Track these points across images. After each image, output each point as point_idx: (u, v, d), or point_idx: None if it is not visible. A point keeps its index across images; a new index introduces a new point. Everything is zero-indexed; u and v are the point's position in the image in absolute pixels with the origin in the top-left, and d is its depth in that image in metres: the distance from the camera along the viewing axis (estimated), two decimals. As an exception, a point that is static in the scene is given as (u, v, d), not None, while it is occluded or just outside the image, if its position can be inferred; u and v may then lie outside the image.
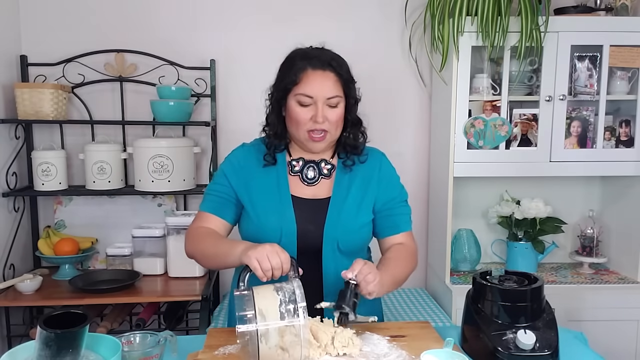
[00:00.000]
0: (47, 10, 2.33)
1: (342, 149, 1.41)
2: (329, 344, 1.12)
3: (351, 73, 1.36)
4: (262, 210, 1.35)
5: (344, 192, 1.38)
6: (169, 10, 2.38)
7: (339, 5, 2.44)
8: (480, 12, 2.07)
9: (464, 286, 2.21)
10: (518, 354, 1.13)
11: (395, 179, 1.45)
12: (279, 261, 1.12)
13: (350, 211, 1.36)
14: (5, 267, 2.14)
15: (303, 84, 1.30)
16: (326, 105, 1.30)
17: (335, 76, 1.31)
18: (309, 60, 1.31)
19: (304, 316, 1.03)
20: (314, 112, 1.29)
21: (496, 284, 1.23)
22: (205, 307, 2.05)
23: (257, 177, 1.39)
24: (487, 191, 2.51)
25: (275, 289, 1.07)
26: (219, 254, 1.27)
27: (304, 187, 1.39)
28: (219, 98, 2.41)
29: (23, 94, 2.14)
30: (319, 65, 1.31)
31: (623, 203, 2.41)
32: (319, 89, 1.29)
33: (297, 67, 1.31)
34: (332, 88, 1.30)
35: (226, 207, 1.39)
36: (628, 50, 2.18)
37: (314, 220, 1.35)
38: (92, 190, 2.24)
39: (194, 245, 1.35)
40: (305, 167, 1.40)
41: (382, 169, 1.43)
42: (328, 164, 1.41)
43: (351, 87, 1.35)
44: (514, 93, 2.22)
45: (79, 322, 0.94)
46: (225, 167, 1.43)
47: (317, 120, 1.29)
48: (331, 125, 1.32)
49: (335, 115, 1.32)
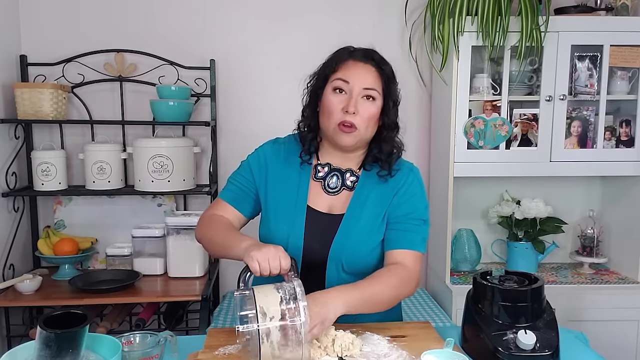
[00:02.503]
0: (47, 10, 2.33)
1: (372, 159, 1.35)
2: (329, 346, 1.12)
3: (394, 75, 1.32)
4: (274, 216, 1.34)
5: (358, 211, 1.32)
6: (169, 10, 2.37)
7: (339, 5, 2.43)
8: (481, 12, 2.07)
9: (464, 286, 2.21)
10: (518, 354, 1.13)
11: (417, 195, 1.35)
12: (278, 265, 1.11)
13: (360, 233, 1.31)
14: (5, 267, 2.14)
15: (342, 70, 1.28)
16: (362, 97, 1.27)
17: (377, 70, 1.28)
18: (351, 53, 1.30)
19: (305, 313, 1.02)
20: (347, 102, 1.25)
21: (496, 284, 1.23)
22: (205, 307, 2.04)
23: (278, 178, 1.37)
24: (487, 191, 2.51)
25: (276, 288, 1.06)
26: (225, 245, 1.25)
27: (322, 196, 1.35)
28: (219, 98, 2.41)
29: (23, 93, 2.14)
30: (360, 57, 1.29)
31: (623, 203, 2.40)
32: (357, 76, 1.26)
33: (339, 57, 1.30)
34: (371, 80, 1.27)
35: (244, 199, 1.38)
36: (628, 50, 2.18)
37: (321, 238, 1.32)
38: (92, 190, 2.23)
39: (205, 231, 1.34)
40: (329, 174, 1.37)
41: (406, 183, 1.35)
42: (353, 175, 1.36)
43: (392, 87, 1.31)
44: (514, 93, 2.22)
45: (79, 322, 0.94)
46: (252, 159, 1.41)
47: (349, 109, 1.24)
48: (362, 121, 1.26)
49: (369, 110, 1.27)
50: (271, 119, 2.43)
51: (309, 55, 2.43)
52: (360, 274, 1.28)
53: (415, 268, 1.30)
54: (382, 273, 1.27)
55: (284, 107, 2.46)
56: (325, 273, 1.32)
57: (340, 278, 1.31)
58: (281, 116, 2.45)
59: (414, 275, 1.30)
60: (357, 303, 1.16)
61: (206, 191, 2.21)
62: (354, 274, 1.31)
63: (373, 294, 1.20)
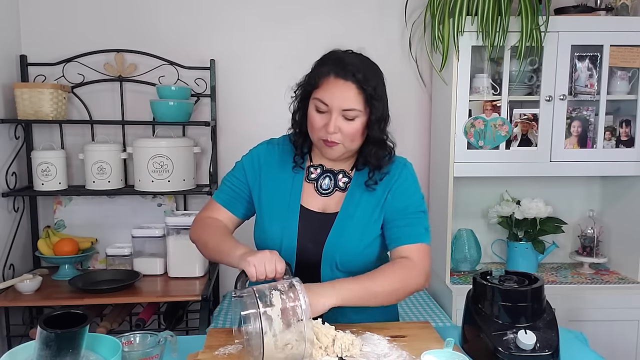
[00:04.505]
0: (47, 10, 2.33)
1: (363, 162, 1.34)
2: (329, 346, 1.12)
3: (380, 89, 1.27)
4: (268, 217, 1.35)
5: (352, 209, 1.32)
6: (169, 10, 2.38)
7: (339, 5, 2.43)
8: (481, 12, 2.07)
9: (464, 286, 2.21)
10: (518, 354, 1.13)
11: (411, 188, 1.36)
12: (274, 269, 1.13)
13: (354, 232, 1.31)
14: (5, 267, 2.14)
15: (322, 90, 1.25)
16: (341, 116, 1.24)
17: (357, 89, 1.23)
18: (335, 67, 1.24)
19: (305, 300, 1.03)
20: (327, 120, 1.24)
21: (496, 284, 1.23)
22: (205, 307, 2.04)
23: (272, 179, 1.37)
24: (487, 191, 2.51)
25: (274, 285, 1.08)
26: (220, 250, 1.26)
27: (315, 197, 1.36)
28: (219, 98, 2.41)
29: (23, 93, 2.14)
30: (342, 74, 1.23)
31: (623, 203, 2.40)
32: (336, 98, 1.23)
33: (322, 71, 1.26)
34: (351, 100, 1.23)
35: (238, 201, 1.39)
36: (628, 50, 2.18)
37: (315, 237, 1.32)
38: (92, 190, 2.23)
39: (199, 233, 1.35)
40: (322, 175, 1.37)
41: (400, 178, 1.35)
42: (346, 176, 1.36)
43: (375, 104, 1.25)
44: (514, 93, 2.22)
45: (79, 322, 0.94)
46: (246, 161, 1.41)
47: (329, 130, 1.23)
48: (344, 138, 1.25)
49: (351, 128, 1.25)
50: (271, 119, 2.41)
51: (309, 55, 2.44)
52: (355, 273, 1.27)
53: (422, 260, 1.28)
54: (384, 267, 1.27)
55: (283, 107, 2.45)
56: (319, 273, 1.32)
57: (335, 277, 1.30)
58: (281, 116, 2.47)
59: (421, 267, 1.27)
60: (353, 295, 1.16)
61: (206, 191, 2.21)
62: (349, 272, 1.30)
63: (371, 287, 1.19)
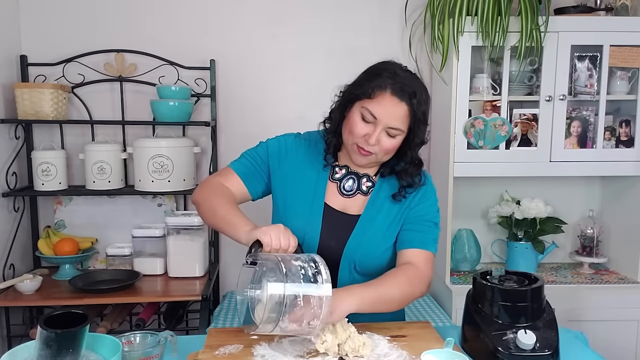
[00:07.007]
0: (47, 10, 2.33)
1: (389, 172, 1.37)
2: (342, 342, 1.12)
3: (427, 114, 1.29)
4: (292, 211, 1.34)
5: (374, 214, 1.34)
6: (169, 10, 2.37)
7: (339, 5, 2.43)
8: (480, 12, 2.07)
9: (464, 286, 2.21)
10: (518, 354, 1.13)
11: (431, 199, 1.39)
12: (287, 242, 1.13)
13: (375, 235, 1.33)
14: (5, 267, 2.14)
15: (375, 102, 1.23)
16: (385, 131, 1.25)
17: (409, 111, 1.24)
18: (393, 83, 1.23)
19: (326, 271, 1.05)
20: (370, 132, 1.25)
21: (496, 284, 1.23)
22: (205, 307, 2.05)
23: (296, 172, 1.37)
24: (487, 191, 2.51)
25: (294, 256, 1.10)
26: (229, 220, 1.23)
27: (337, 197, 1.37)
28: (219, 98, 2.41)
29: (23, 93, 2.14)
30: (399, 94, 1.23)
31: (623, 203, 2.41)
32: (387, 115, 1.23)
33: (379, 83, 1.24)
34: (400, 120, 1.24)
35: (255, 178, 1.37)
36: (628, 50, 2.18)
37: (337, 236, 1.33)
38: (92, 190, 2.23)
39: (207, 197, 1.31)
40: (346, 176, 1.38)
41: (420, 191, 1.37)
42: (370, 180, 1.38)
43: (421, 127, 1.28)
44: (514, 93, 2.22)
45: (79, 322, 0.94)
46: (271, 144, 1.40)
47: (370, 141, 1.25)
48: (380, 150, 1.27)
49: (390, 144, 1.27)
50: (271, 119, 2.44)
51: (309, 55, 2.47)
52: (370, 275, 1.29)
53: (426, 269, 1.31)
54: (393, 273, 1.28)
55: (283, 107, 2.48)
56: (337, 272, 1.33)
57: (352, 278, 1.33)
58: (281, 116, 2.48)
59: (425, 275, 1.30)
60: (369, 302, 1.18)
61: (206, 191, 2.20)
62: (365, 274, 1.32)
63: (384, 294, 1.22)
